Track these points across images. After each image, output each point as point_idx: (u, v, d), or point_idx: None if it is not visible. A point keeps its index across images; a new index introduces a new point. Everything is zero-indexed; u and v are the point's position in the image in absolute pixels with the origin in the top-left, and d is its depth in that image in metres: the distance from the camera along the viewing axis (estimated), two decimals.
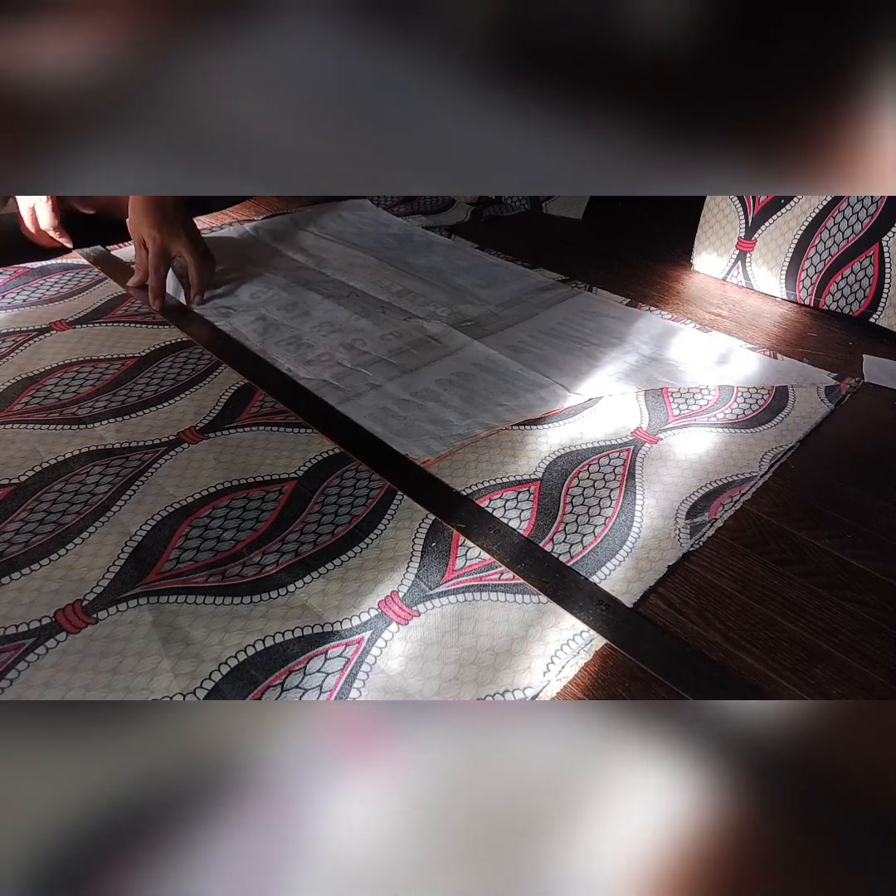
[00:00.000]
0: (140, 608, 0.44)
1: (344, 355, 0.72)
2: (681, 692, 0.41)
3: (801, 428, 0.64)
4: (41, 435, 0.58)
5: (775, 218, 0.87)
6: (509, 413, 0.64)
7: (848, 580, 0.50)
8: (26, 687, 0.39)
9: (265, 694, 0.40)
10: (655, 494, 0.56)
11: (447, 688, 0.41)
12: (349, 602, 0.45)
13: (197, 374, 0.67)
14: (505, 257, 0.98)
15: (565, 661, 0.42)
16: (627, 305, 0.87)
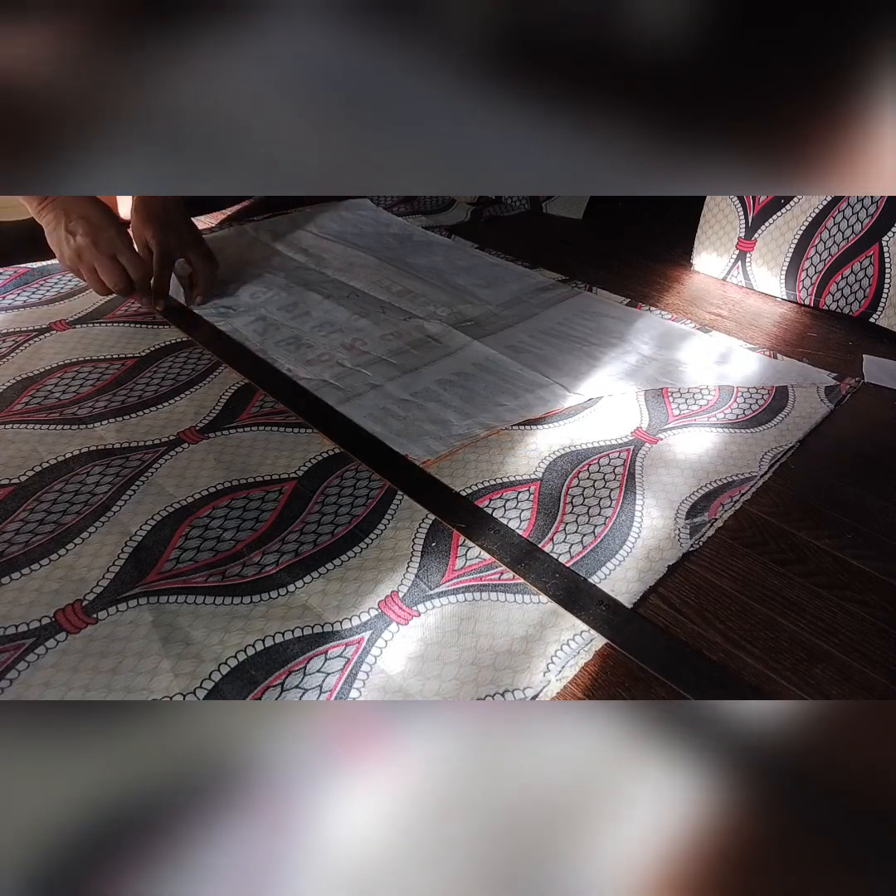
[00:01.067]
0: (140, 608, 0.44)
1: (344, 355, 0.72)
2: (681, 692, 0.41)
3: (801, 428, 0.64)
4: (41, 435, 0.58)
5: (775, 218, 0.87)
6: (509, 413, 0.64)
7: (848, 580, 0.50)
8: (26, 687, 0.39)
9: (265, 694, 0.40)
10: (655, 494, 0.56)
11: (447, 688, 0.41)
12: (349, 602, 0.45)
13: (197, 374, 0.67)
14: (505, 257, 0.98)
15: (565, 661, 0.42)
16: (627, 305, 0.87)
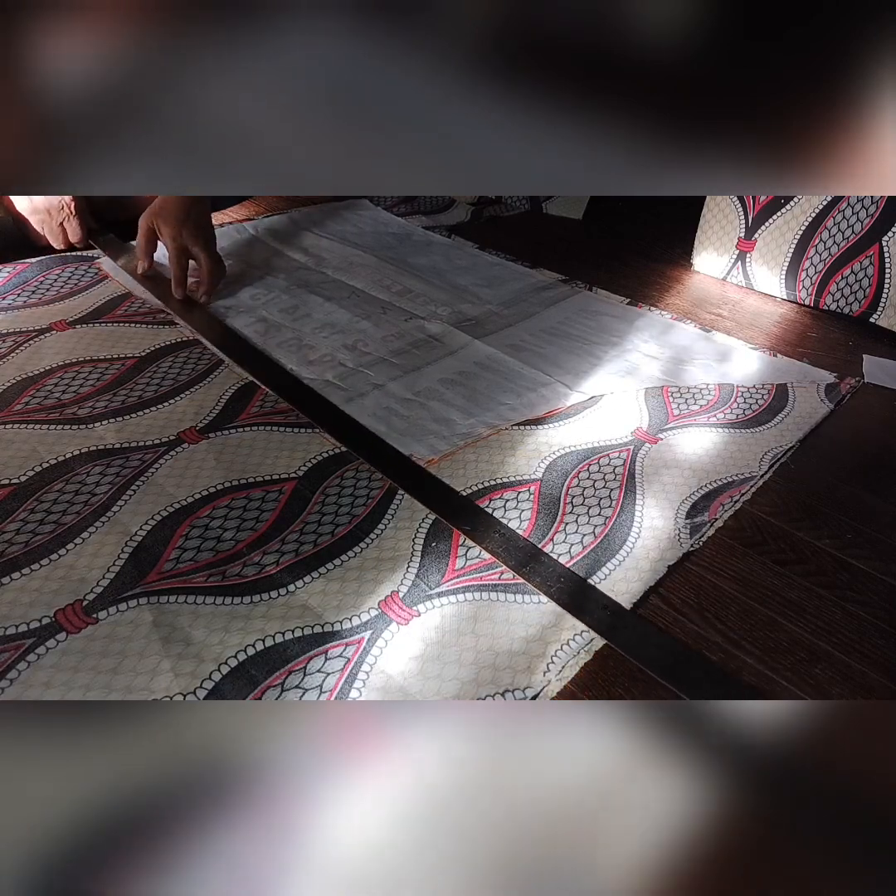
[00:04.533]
0: (140, 608, 0.44)
1: (346, 356, 0.72)
2: (681, 692, 0.41)
3: (801, 428, 0.64)
4: (41, 435, 0.58)
5: (775, 218, 0.87)
6: (512, 412, 0.64)
7: (848, 580, 0.50)
8: (26, 687, 0.39)
9: (265, 694, 0.40)
10: (655, 494, 0.56)
11: (447, 688, 0.41)
12: (349, 602, 0.45)
13: (197, 374, 0.67)
14: (505, 257, 0.98)
15: (565, 661, 0.42)
16: (628, 305, 0.87)
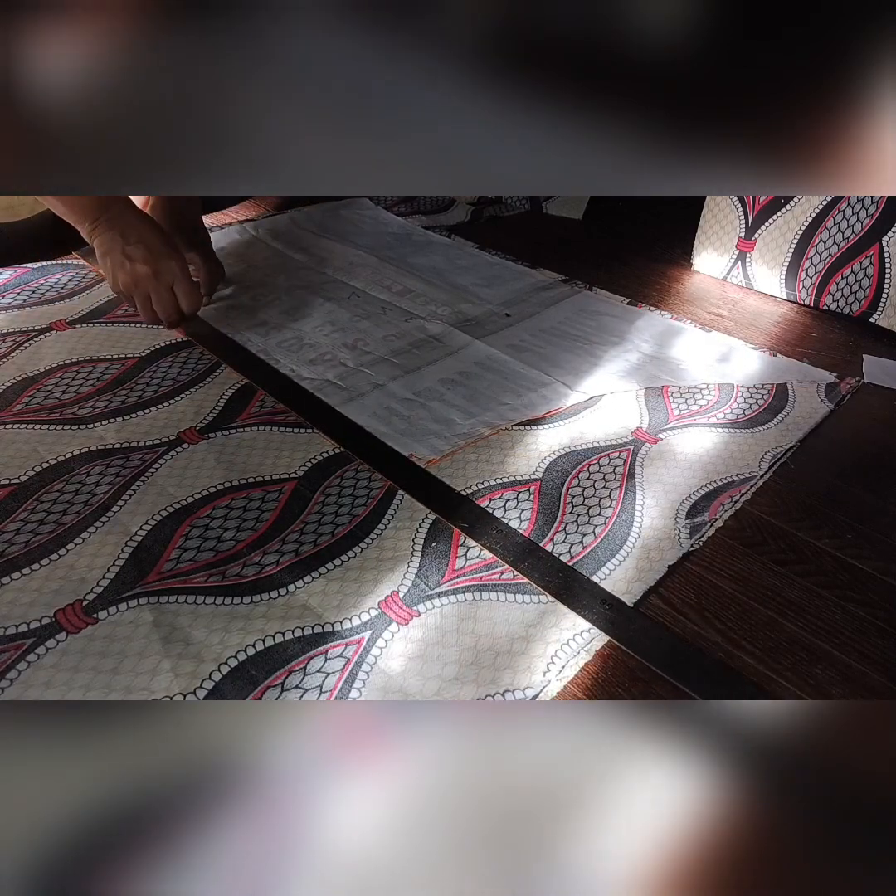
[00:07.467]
0: (140, 608, 0.44)
1: (346, 355, 0.72)
2: (681, 692, 0.41)
3: (801, 428, 0.64)
4: (41, 435, 0.58)
5: (775, 218, 0.87)
6: (513, 411, 0.64)
7: (848, 580, 0.50)
8: (26, 687, 0.39)
9: (265, 694, 0.40)
10: (655, 494, 0.56)
11: (447, 688, 0.41)
12: (349, 602, 0.45)
13: (197, 374, 0.67)
14: (505, 257, 0.98)
15: (565, 661, 0.42)
16: (628, 305, 0.87)
